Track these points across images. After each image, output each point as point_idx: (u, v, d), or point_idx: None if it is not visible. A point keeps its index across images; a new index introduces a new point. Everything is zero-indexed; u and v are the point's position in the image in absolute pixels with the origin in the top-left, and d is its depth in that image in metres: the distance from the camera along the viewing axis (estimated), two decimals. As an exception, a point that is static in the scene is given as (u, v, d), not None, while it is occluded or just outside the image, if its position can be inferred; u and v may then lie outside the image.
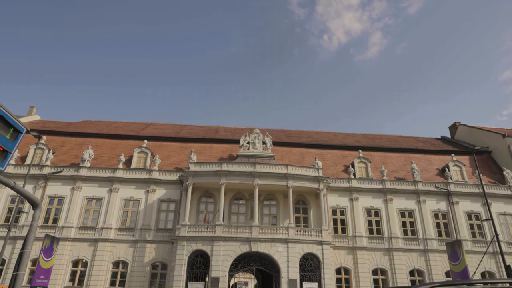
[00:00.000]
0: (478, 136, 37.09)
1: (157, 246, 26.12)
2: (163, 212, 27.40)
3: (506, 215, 29.12)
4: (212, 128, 38.08)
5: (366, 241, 27.22)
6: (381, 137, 39.40)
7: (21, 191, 4.14)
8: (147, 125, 37.24)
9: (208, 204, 27.53)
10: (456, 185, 29.73)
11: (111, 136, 32.37)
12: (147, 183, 27.95)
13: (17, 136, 3.78)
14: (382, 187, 29.10)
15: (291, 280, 23.12)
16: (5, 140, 3.58)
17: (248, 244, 24.12)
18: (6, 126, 3.57)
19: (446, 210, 28.89)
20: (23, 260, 4.11)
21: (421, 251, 27.13)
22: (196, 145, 32.16)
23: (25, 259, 4.12)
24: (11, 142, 3.67)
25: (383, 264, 26.54)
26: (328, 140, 36.12)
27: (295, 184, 26.21)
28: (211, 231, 24.44)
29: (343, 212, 28.18)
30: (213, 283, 22.99)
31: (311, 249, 24.40)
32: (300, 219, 27.56)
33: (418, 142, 38.64)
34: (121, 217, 27.04)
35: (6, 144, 3.59)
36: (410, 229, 28.05)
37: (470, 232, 28.25)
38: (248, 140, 30.02)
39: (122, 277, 25.43)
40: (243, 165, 26.63)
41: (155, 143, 31.78)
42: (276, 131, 37.62)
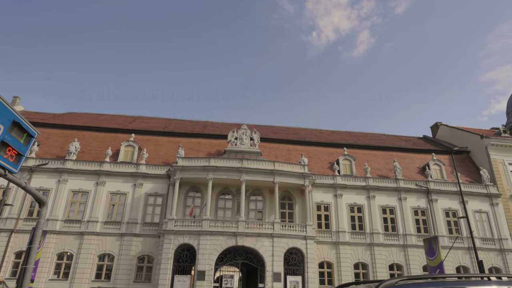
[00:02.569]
0: (458, 136, 38.41)
1: (144, 240, 26.32)
2: (150, 206, 27.56)
3: (481, 213, 30.47)
4: (200, 123, 38.21)
5: (348, 236, 28.09)
6: (366, 135, 40.33)
7: (31, 191, 4.43)
8: (134, 119, 37.08)
9: (195, 199, 27.84)
10: (435, 183, 30.89)
11: (98, 129, 32.16)
12: (135, 177, 28.02)
13: (30, 140, 4.08)
14: (365, 184, 29.98)
15: (275, 273, 23.77)
16: (20, 145, 3.88)
17: (234, 239, 24.61)
18: (21, 132, 3.87)
19: (425, 207, 30.02)
20: (31, 255, 4.42)
21: (401, 246, 28.19)
22: (184, 139, 32.30)
23: (33, 254, 4.44)
24: (24, 146, 3.98)
25: (364, 259, 27.48)
26: (315, 137, 36.79)
27: (281, 180, 26.76)
28: (198, 225, 24.80)
29: (327, 208, 28.95)
30: (199, 276, 23.42)
31: (296, 244, 25.08)
32: (286, 214, 28.19)
33: (401, 141, 39.73)
34: (107, 211, 27.08)
35: (21, 148, 3.90)
36: (391, 225, 29.07)
37: (448, 229, 29.48)
38: (236, 136, 30.36)
39: (108, 270, 25.56)
40: (230, 160, 27.00)
41: (143, 137, 31.75)
42: (264, 127, 38.05)
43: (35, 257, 4.52)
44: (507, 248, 29.00)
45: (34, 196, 4.47)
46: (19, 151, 3.88)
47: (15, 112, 3.73)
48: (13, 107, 3.69)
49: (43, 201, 4.56)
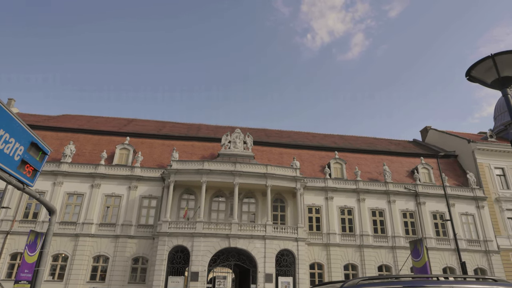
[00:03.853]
0: (446, 140, 39.37)
1: (138, 242, 26.74)
2: (144, 208, 27.99)
3: (468, 215, 31.39)
4: (194, 125, 38.69)
5: (339, 238, 28.79)
6: (357, 139, 41.12)
7: (42, 201, 4.98)
8: (129, 121, 37.44)
9: (189, 201, 28.33)
10: (423, 187, 31.75)
11: (93, 132, 32.49)
12: (129, 180, 28.42)
13: (44, 157, 4.65)
14: (355, 187, 30.71)
15: (267, 274, 24.36)
16: (36, 162, 4.45)
17: (227, 240, 25.15)
18: (37, 151, 4.44)
19: (413, 210, 30.85)
20: (43, 258, 4.95)
21: (389, 248, 28.95)
22: (178, 142, 32.77)
23: (45, 257, 4.96)
24: (39, 162, 4.54)
25: (354, 260, 28.20)
26: (307, 140, 37.48)
27: (273, 183, 27.38)
28: (192, 227, 25.30)
29: (318, 210, 29.62)
30: (193, 277, 23.92)
31: (287, 246, 25.71)
32: (278, 216, 28.80)
33: (391, 144, 40.60)
34: (102, 213, 27.45)
35: (37, 165, 4.46)
36: (380, 227, 29.83)
37: (435, 231, 30.33)
38: (229, 139, 30.92)
39: (103, 272, 25.94)
40: (224, 164, 27.55)
41: (137, 139, 32.16)
42: (257, 130, 38.65)
43: (46, 260, 5.06)
44: (492, 249, 29.92)
45: (46, 206, 5.01)
46: (35, 168, 4.43)
47: (33, 134, 4.29)
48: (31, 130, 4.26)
49: (54, 210, 5.10)
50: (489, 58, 3.75)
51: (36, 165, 4.45)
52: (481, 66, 3.86)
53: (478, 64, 3.86)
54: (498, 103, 44.32)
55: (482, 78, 3.95)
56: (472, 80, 4.01)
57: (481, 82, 3.99)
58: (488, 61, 3.78)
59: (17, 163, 4.07)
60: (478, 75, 3.96)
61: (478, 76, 3.97)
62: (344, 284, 3.62)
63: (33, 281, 4.88)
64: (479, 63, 3.83)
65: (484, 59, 3.79)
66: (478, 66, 3.89)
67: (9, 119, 3.84)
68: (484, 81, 3.96)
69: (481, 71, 3.89)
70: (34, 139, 4.33)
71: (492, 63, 3.74)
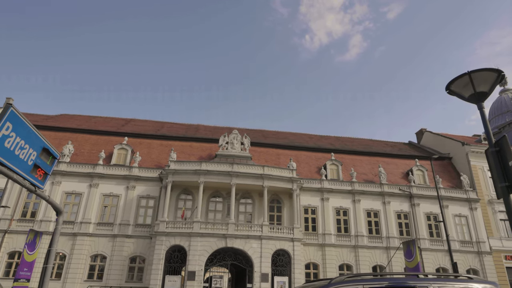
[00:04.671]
0: (441, 143, 39.89)
1: (136, 241, 26.99)
2: (142, 208, 28.25)
3: (461, 217, 31.88)
4: (192, 126, 38.96)
5: (334, 238, 29.18)
6: (354, 140, 41.56)
7: (51, 202, 5.29)
8: (127, 121, 37.66)
9: (187, 201, 28.62)
10: (418, 188, 32.21)
11: (91, 132, 32.70)
12: (127, 180, 28.67)
13: (54, 162, 4.97)
14: (351, 188, 31.11)
15: (263, 274, 24.70)
16: (46, 166, 4.76)
17: (224, 240, 25.47)
18: (48, 155, 4.76)
19: (408, 211, 31.29)
20: (51, 256, 5.27)
21: (383, 248, 29.38)
22: (176, 143, 33.04)
23: (52, 255, 5.28)
24: (49, 166, 4.86)
25: (349, 260, 28.59)
26: (304, 142, 37.86)
27: (270, 184, 27.72)
28: (189, 227, 25.59)
29: (314, 211, 30.00)
30: (190, 276, 24.22)
31: (283, 246, 26.06)
32: (274, 217, 29.15)
33: (387, 146, 41.06)
34: (100, 212, 27.69)
35: (47, 168, 4.78)
36: (375, 228, 30.26)
37: (428, 232, 30.79)
38: (227, 140, 31.23)
39: (100, 271, 26.18)
40: (221, 164, 27.86)
41: (135, 140, 32.41)
42: (255, 131, 38.98)
43: (53, 258, 5.36)
44: (484, 250, 30.42)
45: (54, 207, 5.31)
46: (46, 171, 4.75)
47: (45, 140, 4.61)
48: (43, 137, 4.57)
49: (61, 211, 5.41)
50: (466, 75, 4.11)
51: (47, 169, 4.77)
52: (459, 82, 4.21)
53: (456, 80, 4.21)
54: (493, 106, 44.95)
55: (460, 93, 4.30)
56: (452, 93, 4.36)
57: (459, 96, 4.34)
58: (465, 77, 4.12)
59: (30, 167, 4.39)
60: (457, 90, 4.31)
61: (456, 91, 4.32)
62: (332, 281, 3.95)
63: (42, 278, 5.18)
64: (457, 79, 4.18)
65: (461, 76, 4.14)
66: (456, 82, 4.24)
67: (24, 127, 4.15)
68: (462, 95, 4.32)
69: (460, 86, 4.23)
70: (45, 145, 4.64)
71: (468, 80, 4.09)
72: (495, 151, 3.75)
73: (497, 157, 3.66)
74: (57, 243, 5.45)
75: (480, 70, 3.98)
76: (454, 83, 4.27)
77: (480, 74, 4.02)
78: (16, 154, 4.07)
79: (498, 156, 3.64)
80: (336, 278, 3.98)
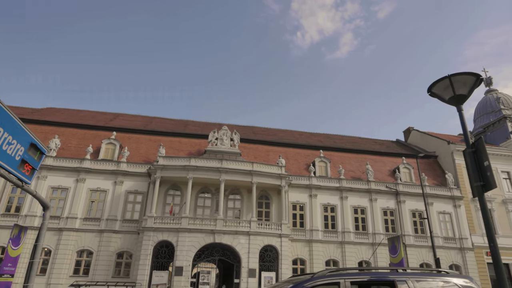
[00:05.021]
0: (427, 141, 40.64)
1: (123, 236, 26.85)
2: (130, 203, 28.08)
3: (445, 214, 32.63)
4: (181, 121, 38.78)
5: (321, 234, 29.55)
6: (342, 138, 41.99)
7: (38, 197, 5.29)
8: (115, 116, 37.25)
9: (175, 197, 28.57)
10: (404, 186, 32.81)
11: (79, 126, 32.26)
12: (115, 175, 28.44)
13: (41, 157, 4.98)
14: (339, 185, 31.51)
15: (251, 269, 24.91)
16: (34, 161, 4.77)
17: (212, 236, 25.56)
18: (36, 151, 4.76)
19: (394, 208, 31.87)
20: (37, 251, 5.29)
21: (369, 244, 29.90)
22: (165, 138, 32.87)
23: (39, 250, 5.30)
24: (37, 161, 4.86)
25: (335, 256, 29.02)
26: (293, 139, 38.10)
27: (259, 180, 27.87)
28: (177, 223, 25.58)
29: (302, 207, 30.31)
30: (177, 271, 24.26)
31: (271, 241, 26.30)
32: (262, 213, 29.35)
33: (375, 144, 41.62)
34: (87, 207, 27.43)
35: (34, 164, 4.78)
36: (361, 224, 30.75)
37: (413, 228, 31.45)
38: (216, 136, 31.23)
39: (86, 266, 25.99)
40: (210, 161, 27.86)
41: (124, 134, 32.10)
42: (244, 128, 39.03)
43: (40, 252, 5.37)
44: (466, 247, 31.25)
45: (41, 202, 5.31)
46: (33, 166, 4.75)
47: (32, 135, 4.61)
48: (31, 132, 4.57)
49: (48, 206, 5.41)
50: (446, 78, 4.27)
51: (34, 164, 4.77)
52: (440, 84, 4.37)
53: (437, 83, 4.37)
54: (478, 106, 45.89)
55: (441, 95, 4.46)
56: (433, 95, 4.53)
57: (440, 98, 4.51)
58: (445, 80, 4.28)
59: (17, 162, 4.39)
60: (438, 92, 4.47)
61: (437, 93, 4.48)
62: (315, 275, 4.09)
63: (28, 273, 5.19)
64: (438, 82, 4.35)
65: (442, 79, 4.30)
66: (437, 84, 4.40)
67: (12, 122, 4.15)
68: (442, 98, 4.48)
69: (440, 88, 4.40)
70: (33, 140, 4.64)
71: (449, 83, 4.25)
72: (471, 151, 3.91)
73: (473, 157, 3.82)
74: (43, 238, 5.46)
75: (460, 74, 4.14)
76: (435, 85, 4.43)
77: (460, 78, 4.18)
78: (4, 149, 4.07)
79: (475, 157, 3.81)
80: (318, 273, 4.12)
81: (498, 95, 43.10)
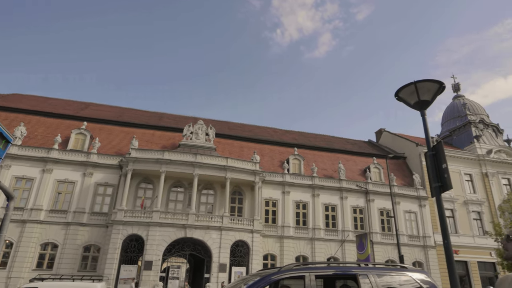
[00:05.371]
0: (398, 142, 42.11)
1: (91, 229, 26.16)
2: (99, 196, 27.37)
3: (411, 213, 34.02)
4: (156, 114, 38.09)
5: (292, 231, 30.06)
6: (316, 136, 42.73)
7: (2, 186, 5.12)
8: (86, 105, 36.05)
9: (147, 190, 28.11)
10: (373, 185, 33.90)
11: (47, 114, 30.99)
12: (84, 166, 27.59)
13: (7, 145, 4.82)
14: (311, 183, 32.11)
15: (221, 264, 25.00)
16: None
17: (184, 230, 25.40)
18: (1, 139, 4.62)
19: (363, 206, 32.89)
20: (0, 241, 5.14)
21: (339, 241, 30.73)
22: (139, 130, 32.19)
23: (1, 242, 5.15)
24: (2, 150, 4.72)
25: (305, 252, 29.62)
26: (268, 135, 38.36)
27: (233, 176, 27.92)
28: (148, 216, 25.22)
29: (275, 204, 30.67)
30: (146, 266, 23.96)
31: (243, 237, 26.47)
32: (235, 208, 29.45)
33: (348, 143, 42.66)
34: (53, 199, 26.47)
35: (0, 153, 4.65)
36: (331, 221, 31.53)
37: (381, 226, 32.61)
38: (191, 130, 30.94)
39: (51, 259, 25.14)
40: (184, 154, 27.60)
41: (95, 125, 31.14)
42: (220, 123, 38.88)
43: (3, 243, 5.20)
44: (429, 244, 32.77)
45: (5, 192, 5.14)
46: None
47: (-3, 123, 4.45)
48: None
49: (12, 196, 5.25)
50: (412, 84, 4.51)
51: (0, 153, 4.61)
52: (407, 90, 4.61)
53: (404, 88, 4.61)
54: (446, 110, 47.98)
55: (407, 99, 4.71)
56: (400, 100, 4.77)
57: (406, 103, 4.76)
58: (411, 86, 4.52)
59: (-21, 151, 4.23)
60: (404, 97, 4.71)
61: (404, 97, 4.73)
62: (281, 268, 4.23)
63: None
64: (405, 87, 4.59)
65: (408, 85, 4.54)
66: (404, 89, 4.64)
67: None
68: (408, 102, 4.74)
69: (407, 93, 4.64)
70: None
71: (414, 88, 4.50)
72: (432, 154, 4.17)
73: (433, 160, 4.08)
74: (7, 229, 5.29)
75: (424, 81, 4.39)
76: (402, 90, 4.67)
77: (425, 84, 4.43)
78: (-36, 137, 3.92)
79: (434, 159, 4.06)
80: (285, 266, 4.26)
81: (465, 101, 45.28)
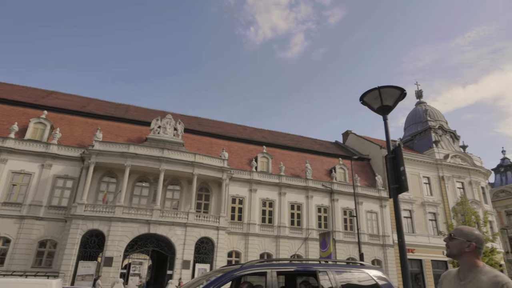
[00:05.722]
0: (363, 145, 43.55)
1: (48, 224, 24.91)
2: (58, 188, 26.11)
3: (372, 213, 35.35)
4: (122, 106, 36.87)
5: (258, 228, 30.28)
6: (285, 136, 43.25)
7: None
8: (48, 93, 34.20)
9: (110, 184, 27.19)
10: (338, 185, 34.86)
11: (3, 101, 29.05)
12: (43, 157, 26.19)
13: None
14: (278, 181, 32.48)
15: (185, 261, 24.71)
16: None
17: (147, 226, 24.83)
18: None
19: (328, 206, 33.74)
20: None
21: (303, 239, 31.34)
22: (103, 122, 31.01)
23: None
24: None
25: (270, 249, 29.94)
26: (238, 133, 38.32)
27: (200, 172, 27.64)
28: (110, 211, 24.41)
29: (241, 201, 30.73)
30: (106, 262, 23.20)
31: (208, 234, 26.31)
32: (202, 205, 29.20)
33: (315, 144, 43.54)
34: (7, 191, 24.92)
35: None
36: (297, 220, 32.08)
37: (344, 225, 33.62)
38: (159, 124, 30.26)
39: (2, 255, 23.69)
40: (151, 149, 26.95)
41: (56, 114, 29.62)
42: (189, 118, 38.33)
43: None
44: (388, 243, 34.22)
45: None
46: None
47: None
48: None
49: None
50: (376, 89, 4.68)
51: None
52: (371, 95, 4.78)
53: (368, 93, 4.78)
54: (409, 116, 50.22)
55: (371, 104, 4.88)
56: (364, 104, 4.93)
57: (370, 107, 4.93)
58: (375, 91, 4.69)
59: None
60: (368, 101, 4.88)
61: (368, 102, 4.90)
62: (243, 265, 4.25)
63: None
64: (369, 92, 4.75)
65: (372, 90, 4.71)
66: (368, 94, 4.81)
67: None
68: (372, 107, 4.91)
69: (371, 98, 4.81)
70: None
71: (378, 94, 4.67)
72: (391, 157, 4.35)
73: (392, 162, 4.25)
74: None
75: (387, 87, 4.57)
76: (366, 95, 4.83)
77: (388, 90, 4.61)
78: None
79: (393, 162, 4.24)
80: (247, 263, 4.30)
81: (426, 108, 47.62)
